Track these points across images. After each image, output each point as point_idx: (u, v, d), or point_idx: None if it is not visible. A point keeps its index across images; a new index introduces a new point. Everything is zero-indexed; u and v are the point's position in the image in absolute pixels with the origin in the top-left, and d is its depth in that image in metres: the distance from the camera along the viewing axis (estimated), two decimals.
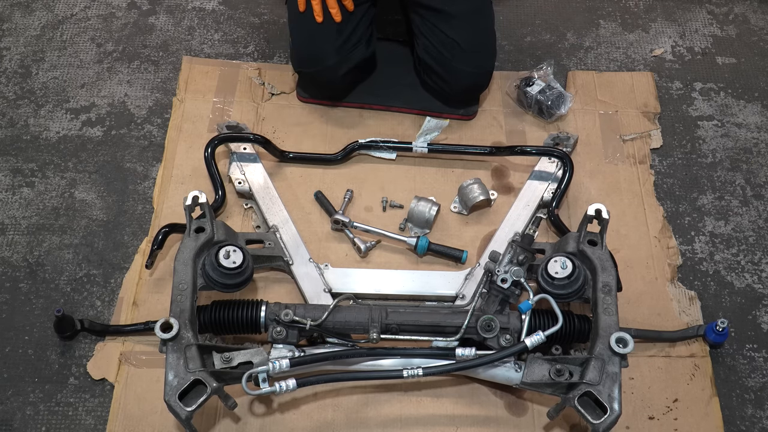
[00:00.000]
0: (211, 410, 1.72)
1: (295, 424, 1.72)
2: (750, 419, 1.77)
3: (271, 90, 2.27)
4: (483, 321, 1.66)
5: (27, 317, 1.88)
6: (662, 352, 1.83)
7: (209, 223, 1.74)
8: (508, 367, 1.66)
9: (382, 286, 1.87)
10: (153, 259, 1.87)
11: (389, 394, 1.76)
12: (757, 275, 1.99)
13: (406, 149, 2.08)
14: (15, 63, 2.34)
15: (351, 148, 2.08)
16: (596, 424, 1.51)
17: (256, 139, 2.03)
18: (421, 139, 2.06)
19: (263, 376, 1.55)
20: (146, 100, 2.27)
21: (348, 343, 1.69)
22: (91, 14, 2.46)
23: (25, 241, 2.00)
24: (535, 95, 2.17)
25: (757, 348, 1.87)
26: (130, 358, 1.79)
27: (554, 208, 1.99)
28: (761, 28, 2.48)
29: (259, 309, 1.69)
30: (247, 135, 2.05)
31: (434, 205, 1.99)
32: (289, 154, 2.08)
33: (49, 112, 2.24)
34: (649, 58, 2.40)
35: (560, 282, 1.67)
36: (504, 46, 2.39)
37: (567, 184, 2.00)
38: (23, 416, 1.74)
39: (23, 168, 2.13)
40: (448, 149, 2.08)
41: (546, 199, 2.01)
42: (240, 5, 2.49)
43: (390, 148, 2.09)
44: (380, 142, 2.08)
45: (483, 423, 1.73)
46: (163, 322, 1.57)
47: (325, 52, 2.01)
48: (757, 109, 2.29)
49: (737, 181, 2.15)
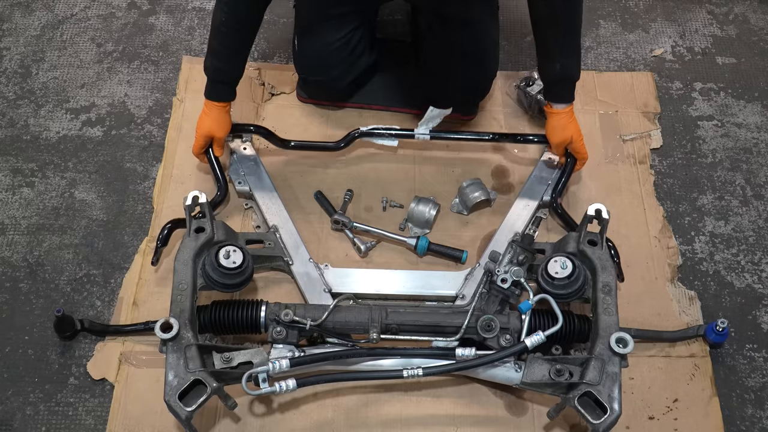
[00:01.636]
0: (211, 410, 1.72)
1: (295, 424, 1.72)
2: (750, 419, 1.77)
3: (271, 90, 2.27)
4: (483, 321, 1.66)
5: (27, 317, 1.88)
6: (662, 352, 1.83)
7: (209, 223, 1.74)
8: (508, 367, 1.66)
9: (382, 286, 1.87)
10: (158, 256, 1.88)
11: (389, 394, 1.76)
12: (757, 275, 1.99)
13: (408, 136, 2.05)
14: (15, 63, 2.34)
15: (353, 135, 2.06)
16: (596, 424, 1.51)
17: (258, 130, 2.03)
18: (423, 127, 2.03)
19: (263, 376, 1.55)
20: (146, 100, 2.27)
21: (348, 343, 1.69)
22: (91, 14, 2.46)
23: (25, 241, 2.00)
24: (535, 95, 2.17)
25: (757, 348, 1.87)
26: (130, 358, 1.79)
27: (557, 197, 1.97)
28: (761, 28, 2.48)
29: (259, 309, 1.69)
30: (247, 126, 2.05)
31: (434, 205, 1.99)
32: (291, 142, 2.08)
33: (49, 112, 2.24)
34: (649, 58, 2.40)
35: (560, 282, 1.67)
36: (504, 46, 2.38)
37: (570, 173, 1.99)
38: (23, 416, 1.74)
39: (23, 168, 2.13)
40: (451, 137, 2.06)
41: (546, 199, 2.01)
42: None
43: (392, 135, 2.05)
44: (382, 130, 2.05)
45: (483, 423, 1.73)
46: (163, 322, 1.57)
47: (331, 63, 2.03)
48: (757, 109, 2.29)
49: (737, 181, 2.15)
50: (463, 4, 1.94)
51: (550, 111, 1.94)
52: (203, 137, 1.92)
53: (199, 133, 1.92)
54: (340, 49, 2.01)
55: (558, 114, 1.92)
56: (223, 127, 1.93)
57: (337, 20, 1.99)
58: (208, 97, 1.90)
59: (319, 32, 2.01)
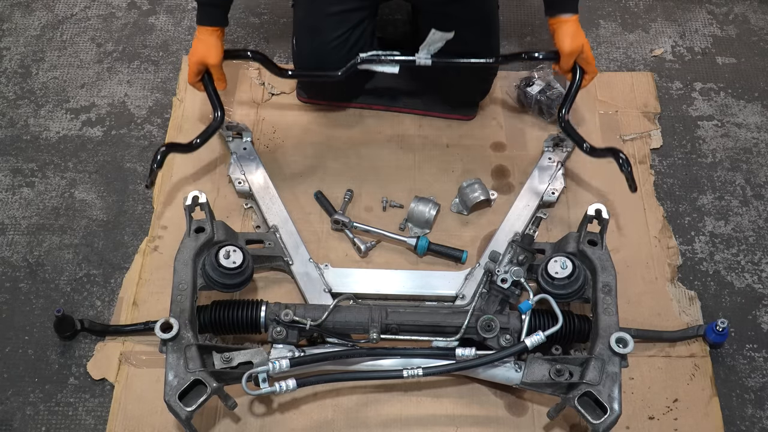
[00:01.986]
0: (211, 410, 1.72)
1: (295, 424, 1.72)
2: (750, 419, 1.77)
3: (271, 90, 2.27)
4: (483, 321, 1.66)
5: (27, 317, 1.88)
6: (662, 352, 1.83)
7: (209, 223, 1.74)
8: (508, 367, 1.66)
9: (382, 286, 1.87)
10: (153, 178, 1.85)
11: (389, 394, 1.76)
12: (757, 275, 1.98)
13: (409, 62, 1.95)
14: (15, 63, 2.34)
15: (353, 63, 1.97)
16: (596, 424, 1.51)
17: (254, 56, 1.97)
18: (424, 52, 1.93)
19: (263, 376, 1.55)
20: (146, 100, 2.27)
21: (348, 343, 1.69)
22: (91, 14, 2.46)
23: (25, 241, 2.00)
24: (535, 95, 2.17)
25: (757, 348, 1.87)
26: (130, 358, 1.79)
27: (565, 113, 1.91)
28: (761, 28, 2.48)
29: (259, 309, 1.69)
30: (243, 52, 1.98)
31: (434, 205, 1.99)
32: (289, 71, 2.03)
33: (49, 112, 2.24)
34: (649, 58, 2.40)
35: (560, 282, 1.67)
36: (504, 46, 2.38)
37: (578, 88, 1.92)
38: (23, 416, 1.74)
39: (23, 168, 2.13)
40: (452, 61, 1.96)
41: (546, 199, 2.01)
42: (240, 5, 2.49)
43: (393, 61, 1.95)
44: (382, 56, 1.96)
45: (483, 423, 1.73)
46: (163, 322, 1.57)
47: (331, 61, 2.02)
48: (757, 109, 2.29)
49: (737, 181, 2.15)
50: (462, 4, 1.94)
51: (559, 20, 1.85)
52: (196, 64, 1.87)
53: (192, 60, 1.88)
54: (339, 48, 2.01)
55: (567, 22, 1.84)
56: (215, 53, 1.87)
57: (335, 18, 1.98)
58: (199, 22, 1.86)
59: (317, 31, 2.01)
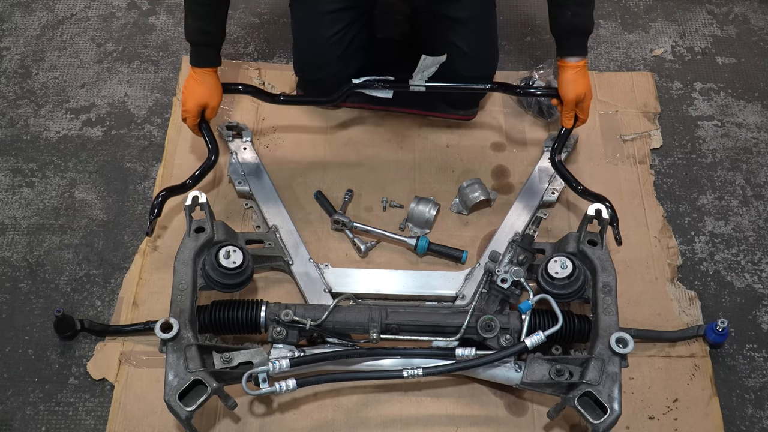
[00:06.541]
0: (211, 410, 1.72)
1: (295, 424, 1.72)
2: (750, 419, 1.77)
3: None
4: (483, 321, 1.66)
5: (27, 317, 1.88)
6: (662, 352, 1.83)
7: (209, 223, 1.74)
8: (508, 367, 1.66)
9: (382, 286, 1.87)
10: (153, 227, 1.83)
11: (389, 394, 1.76)
12: (757, 275, 1.99)
13: (403, 87, 1.97)
14: (15, 63, 2.34)
15: (346, 89, 1.99)
16: (596, 424, 1.51)
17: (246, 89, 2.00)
18: (418, 77, 1.95)
19: (263, 376, 1.55)
20: (146, 100, 2.27)
21: (348, 343, 1.69)
22: (91, 14, 2.46)
23: (25, 241, 2.00)
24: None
25: (757, 348, 1.87)
26: (130, 358, 1.79)
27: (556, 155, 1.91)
28: (761, 28, 2.48)
29: (259, 309, 1.69)
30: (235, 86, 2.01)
31: (434, 205, 1.99)
32: (281, 96, 2.04)
33: (49, 112, 2.24)
34: (649, 58, 2.40)
35: (560, 282, 1.67)
36: (504, 46, 2.39)
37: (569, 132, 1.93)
38: (23, 416, 1.74)
39: (23, 168, 2.13)
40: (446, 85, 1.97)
41: (546, 199, 2.01)
42: (240, 5, 2.49)
43: (386, 87, 1.97)
44: (376, 82, 1.97)
45: (483, 423, 1.73)
46: (163, 322, 1.57)
47: (327, 60, 2.03)
48: (757, 109, 2.29)
49: (737, 181, 2.15)
50: (461, 4, 1.94)
51: (564, 65, 1.85)
52: (198, 106, 1.84)
53: (191, 103, 1.82)
54: (335, 46, 2.00)
55: (572, 68, 1.84)
56: (217, 93, 1.86)
57: (330, 16, 1.98)
58: (195, 64, 1.83)
59: (313, 29, 2.01)
